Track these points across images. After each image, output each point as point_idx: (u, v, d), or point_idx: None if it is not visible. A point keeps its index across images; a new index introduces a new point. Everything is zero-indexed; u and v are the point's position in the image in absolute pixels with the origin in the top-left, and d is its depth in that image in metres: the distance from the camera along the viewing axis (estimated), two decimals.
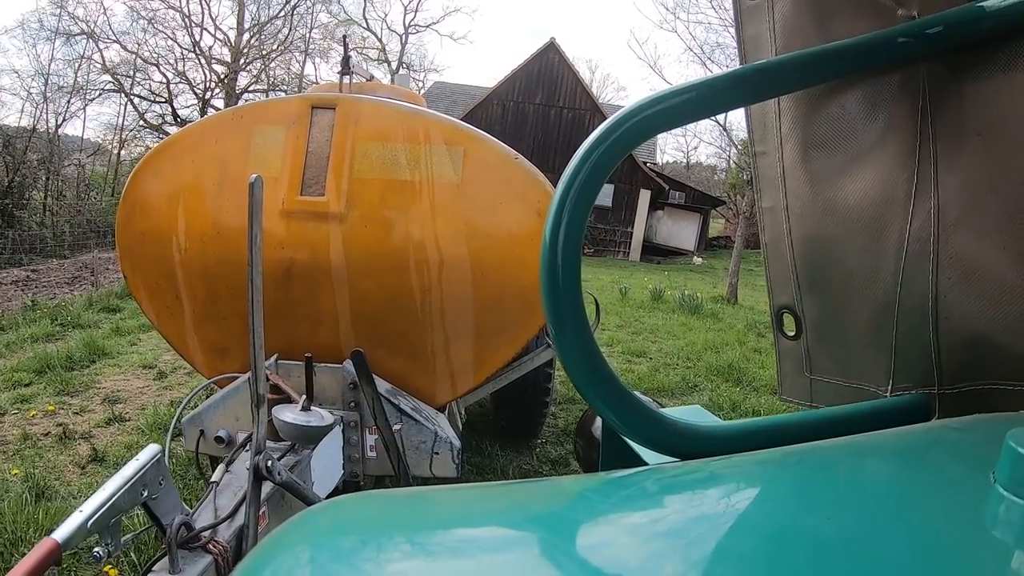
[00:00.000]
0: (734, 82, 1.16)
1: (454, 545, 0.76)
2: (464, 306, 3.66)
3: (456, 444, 3.61)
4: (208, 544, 2.34)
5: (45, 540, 1.87)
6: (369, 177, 3.56)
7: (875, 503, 0.82)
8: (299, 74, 39.36)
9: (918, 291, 1.32)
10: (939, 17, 1.17)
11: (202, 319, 3.83)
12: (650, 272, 27.97)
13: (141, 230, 3.74)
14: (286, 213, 3.53)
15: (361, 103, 3.70)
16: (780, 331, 1.72)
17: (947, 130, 1.24)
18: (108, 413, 6.70)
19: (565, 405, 8.01)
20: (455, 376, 3.87)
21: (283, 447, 3.02)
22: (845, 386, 1.58)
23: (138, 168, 3.79)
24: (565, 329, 1.00)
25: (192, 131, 3.85)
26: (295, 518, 0.85)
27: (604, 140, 1.01)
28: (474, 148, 3.62)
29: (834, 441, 1.04)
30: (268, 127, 3.63)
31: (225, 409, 3.56)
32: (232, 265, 3.57)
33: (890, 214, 1.35)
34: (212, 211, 3.60)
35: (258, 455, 2.46)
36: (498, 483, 1.25)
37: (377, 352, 3.62)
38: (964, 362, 1.29)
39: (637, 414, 1.07)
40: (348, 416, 3.56)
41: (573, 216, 0.98)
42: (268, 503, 2.71)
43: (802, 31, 1.42)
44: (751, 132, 1.63)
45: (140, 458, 2.24)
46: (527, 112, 34.95)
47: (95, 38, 30.72)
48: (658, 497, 0.91)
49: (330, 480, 3.43)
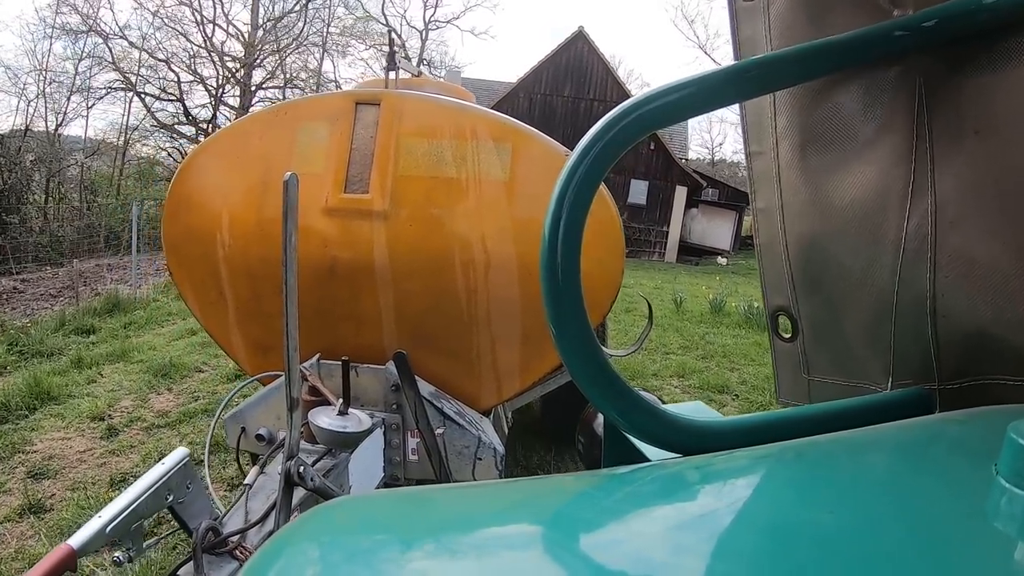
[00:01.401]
0: (732, 77, 1.16)
1: (460, 543, 0.75)
2: (511, 308, 3.56)
3: (500, 450, 3.51)
4: (235, 550, 2.30)
5: (60, 546, 1.85)
6: (414, 174, 3.48)
7: (877, 497, 0.82)
8: (316, 70, 39.12)
9: (916, 289, 1.32)
10: (935, 10, 1.16)
11: (245, 316, 3.82)
12: (692, 276, 26.62)
13: (187, 226, 3.74)
14: (329, 211, 3.48)
15: (406, 99, 3.62)
16: (776, 333, 1.72)
17: (944, 126, 1.23)
18: (26, 498, 5.04)
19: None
20: (501, 379, 3.77)
21: (320, 450, 2.96)
22: (843, 385, 1.59)
23: (184, 164, 3.80)
24: (565, 325, 1.00)
25: (237, 128, 3.85)
26: (302, 516, 0.85)
27: (603, 136, 1.02)
28: (522, 144, 3.51)
29: (835, 435, 1.05)
30: (312, 124, 3.58)
31: (267, 407, 3.54)
32: (274, 262, 3.52)
33: (887, 212, 1.35)
34: (256, 208, 3.58)
35: (290, 460, 2.40)
36: (502, 481, 1.27)
37: (421, 353, 3.55)
38: (963, 358, 1.29)
39: (638, 410, 1.07)
40: (390, 418, 3.50)
41: (573, 212, 0.98)
42: (301, 508, 2.65)
43: (798, 31, 1.42)
44: (746, 132, 1.63)
45: (166, 462, 2.22)
46: (555, 105, 33.52)
47: (103, 35, 30.51)
48: (660, 493, 0.92)
49: (370, 482, 3.37)
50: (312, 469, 2.52)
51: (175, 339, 10.64)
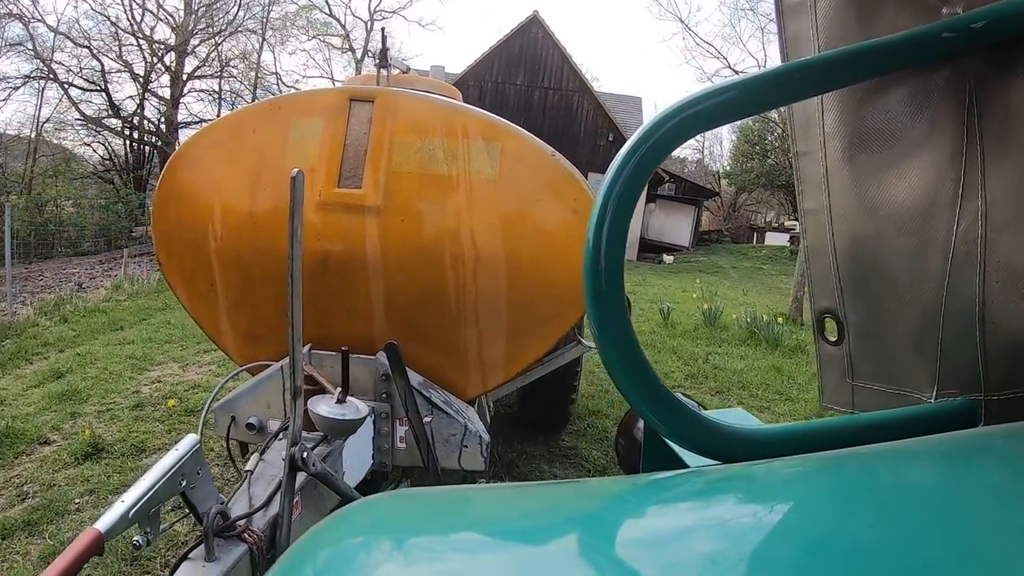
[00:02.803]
0: (776, 80, 1.14)
1: (492, 545, 0.76)
2: (498, 302, 3.67)
3: (485, 438, 3.62)
4: (243, 533, 2.38)
5: (87, 530, 1.91)
6: (406, 171, 3.56)
7: (919, 510, 0.80)
8: (255, 61, 37.01)
9: (965, 295, 1.29)
10: (984, 11, 1.14)
11: (235, 306, 3.87)
12: (660, 276, 24.90)
13: (177, 217, 3.77)
14: (323, 205, 3.54)
15: (399, 96, 3.70)
16: (822, 336, 1.70)
17: (994, 129, 1.21)
18: None
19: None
20: (486, 371, 3.88)
21: (316, 437, 3.05)
22: (888, 392, 1.55)
23: (175, 157, 3.82)
24: (608, 330, 1.00)
25: (230, 120, 3.88)
26: (332, 516, 0.86)
27: (646, 140, 1.01)
28: (511, 144, 3.61)
29: (877, 446, 1.04)
30: (306, 118, 3.64)
31: (256, 396, 3.59)
32: (267, 253, 3.59)
33: (936, 215, 1.32)
34: (248, 200, 3.62)
35: (294, 446, 2.49)
36: (536, 483, 1.26)
37: (410, 345, 3.64)
38: (1011, 368, 1.25)
39: (679, 416, 1.07)
40: (379, 407, 3.58)
41: (616, 217, 0.98)
42: (301, 493, 2.74)
43: (844, 29, 1.40)
44: (792, 131, 1.60)
45: (179, 448, 2.28)
46: (507, 94, 31.54)
47: (23, 19, 27.68)
48: (698, 500, 0.92)
49: (360, 469, 3.46)
50: (314, 455, 2.61)
51: (34, 384, 7.88)
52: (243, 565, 2.32)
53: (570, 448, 6.59)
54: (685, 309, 15.25)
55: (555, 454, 6.44)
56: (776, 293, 21.38)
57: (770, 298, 19.77)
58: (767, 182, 45.98)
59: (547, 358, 4.52)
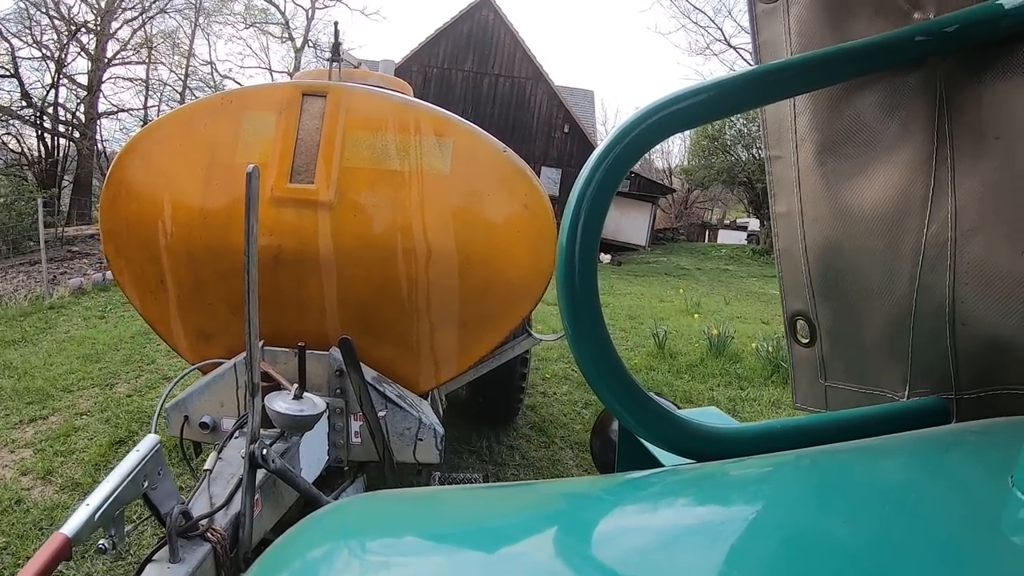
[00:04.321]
0: (750, 82, 1.15)
1: (469, 546, 0.76)
2: (450, 296, 3.71)
3: (439, 430, 3.67)
4: (206, 532, 2.38)
5: (54, 535, 1.89)
6: (359, 166, 3.57)
7: (892, 506, 0.81)
8: (188, 50, 35.16)
9: (935, 296, 1.30)
10: (956, 15, 1.15)
11: (187, 304, 3.82)
12: (627, 281, 22.37)
13: (126, 214, 3.69)
14: (275, 200, 3.52)
15: (352, 92, 3.70)
16: (794, 338, 1.70)
17: (965, 132, 1.22)
18: None
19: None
20: (439, 364, 3.92)
21: (273, 434, 3.05)
22: (860, 392, 1.57)
23: (123, 151, 3.74)
24: (582, 331, 1.00)
25: (180, 114, 3.81)
26: (308, 519, 0.85)
27: (620, 141, 1.01)
28: (463, 140, 3.66)
29: (850, 443, 1.05)
30: (258, 113, 3.61)
31: (210, 395, 3.57)
32: (219, 250, 3.56)
33: (907, 218, 1.33)
34: (200, 196, 3.58)
35: (253, 443, 2.49)
36: (511, 484, 1.25)
37: (363, 339, 3.65)
38: (982, 367, 1.27)
39: (653, 415, 1.06)
40: (334, 403, 3.59)
41: (590, 218, 0.98)
42: (261, 490, 2.75)
43: (818, 35, 1.41)
44: (766, 136, 1.62)
45: (140, 449, 2.26)
46: (454, 81, 29.74)
47: None
48: (673, 499, 0.92)
49: (316, 466, 3.47)
50: (272, 451, 2.62)
51: None
52: (208, 564, 2.33)
53: None
54: (677, 328, 12.82)
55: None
56: (758, 301, 19.81)
57: (757, 308, 17.98)
58: (729, 178, 45.21)
59: (498, 351, 4.58)
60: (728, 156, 43.72)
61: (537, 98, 30.09)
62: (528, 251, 3.70)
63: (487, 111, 29.27)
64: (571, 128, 29.91)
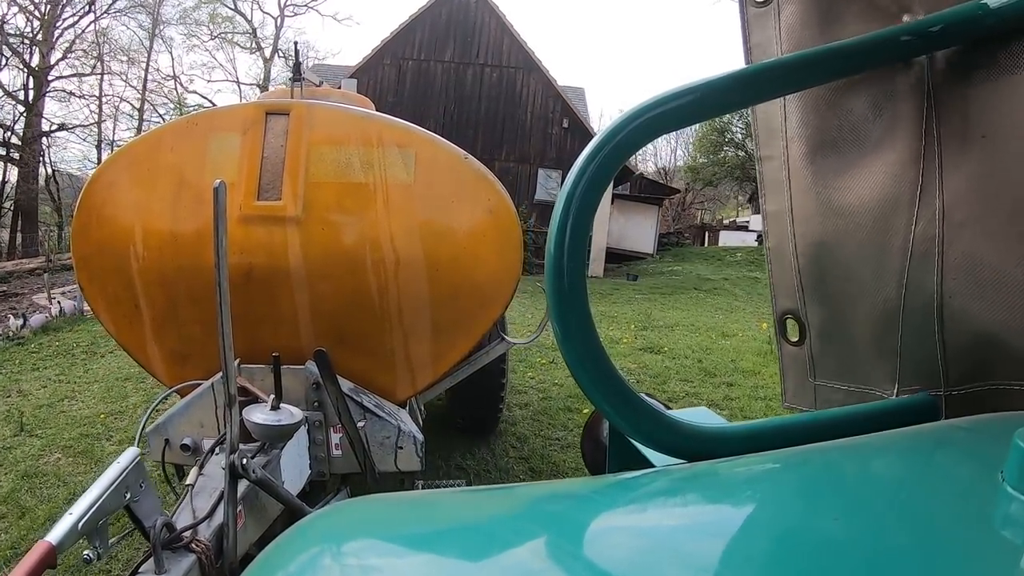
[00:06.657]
0: (739, 82, 1.16)
1: (461, 548, 0.77)
2: (420, 303, 3.77)
3: (419, 437, 3.71)
4: (191, 543, 2.41)
5: (39, 543, 1.92)
6: (324, 180, 3.64)
7: (882, 503, 0.83)
8: (146, 61, 33.80)
9: (923, 293, 1.31)
10: (942, 15, 1.16)
11: (162, 327, 3.84)
12: (650, 300, 18.75)
13: (98, 240, 3.73)
14: (244, 219, 3.57)
15: (314, 108, 3.78)
16: (783, 337, 1.71)
17: (952, 131, 1.23)
18: None
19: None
20: (415, 372, 3.97)
21: (254, 447, 3.08)
22: (850, 390, 1.57)
23: (93, 178, 3.78)
24: (571, 332, 1.00)
25: (147, 139, 3.86)
26: (300, 523, 0.86)
27: (608, 142, 1.01)
28: (424, 150, 3.75)
29: (841, 442, 1.05)
30: (223, 134, 3.67)
31: (189, 417, 3.59)
32: (191, 272, 3.60)
33: (895, 216, 1.34)
34: (170, 219, 3.62)
35: (233, 454, 2.53)
36: (503, 486, 1.21)
37: (338, 351, 3.69)
38: (971, 364, 1.28)
39: (643, 416, 1.07)
40: (312, 416, 3.62)
41: (578, 219, 0.98)
42: (243, 502, 2.77)
43: (809, 37, 1.43)
44: (756, 137, 1.63)
45: (121, 461, 2.29)
46: (433, 73, 25.96)
47: None
48: (665, 499, 0.94)
49: (299, 479, 3.50)
50: (253, 462, 2.66)
51: None
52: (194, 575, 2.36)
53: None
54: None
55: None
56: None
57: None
58: (741, 174, 43.65)
59: (473, 356, 4.64)
60: (739, 152, 42.24)
61: (530, 89, 26.78)
62: (495, 254, 3.78)
63: (473, 106, 26.19)
64: (571, 123, 26.69)
